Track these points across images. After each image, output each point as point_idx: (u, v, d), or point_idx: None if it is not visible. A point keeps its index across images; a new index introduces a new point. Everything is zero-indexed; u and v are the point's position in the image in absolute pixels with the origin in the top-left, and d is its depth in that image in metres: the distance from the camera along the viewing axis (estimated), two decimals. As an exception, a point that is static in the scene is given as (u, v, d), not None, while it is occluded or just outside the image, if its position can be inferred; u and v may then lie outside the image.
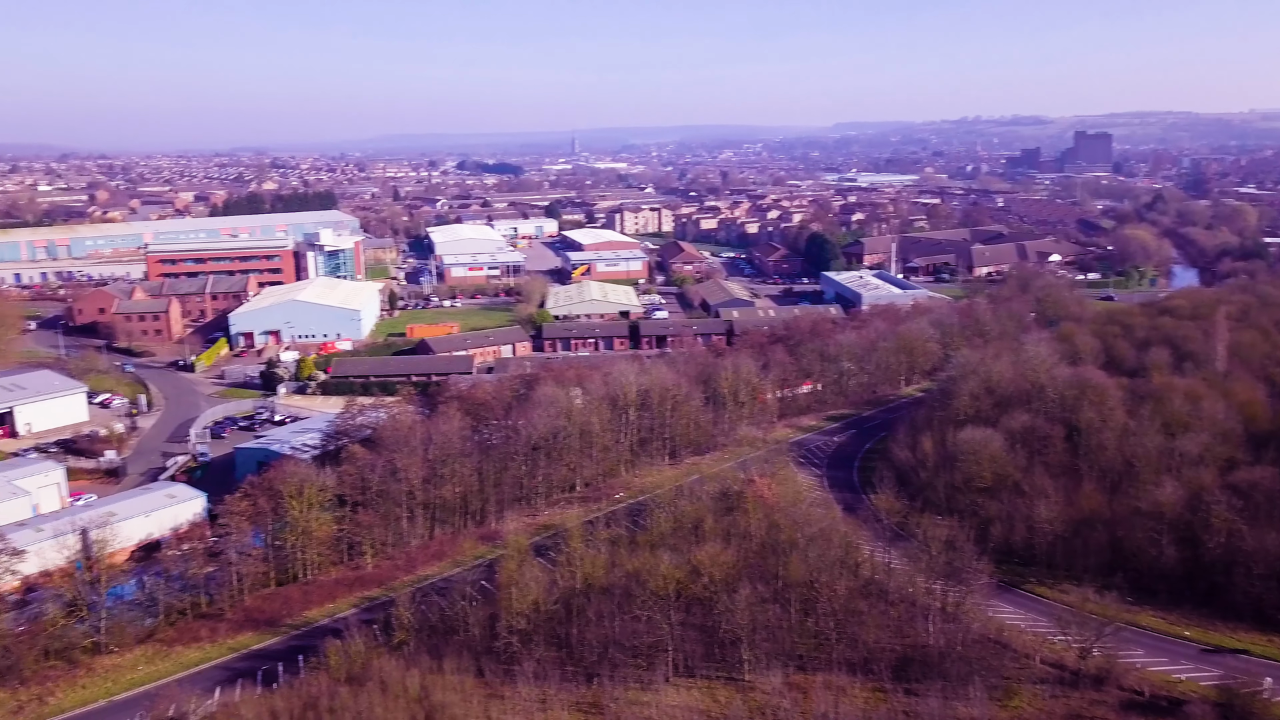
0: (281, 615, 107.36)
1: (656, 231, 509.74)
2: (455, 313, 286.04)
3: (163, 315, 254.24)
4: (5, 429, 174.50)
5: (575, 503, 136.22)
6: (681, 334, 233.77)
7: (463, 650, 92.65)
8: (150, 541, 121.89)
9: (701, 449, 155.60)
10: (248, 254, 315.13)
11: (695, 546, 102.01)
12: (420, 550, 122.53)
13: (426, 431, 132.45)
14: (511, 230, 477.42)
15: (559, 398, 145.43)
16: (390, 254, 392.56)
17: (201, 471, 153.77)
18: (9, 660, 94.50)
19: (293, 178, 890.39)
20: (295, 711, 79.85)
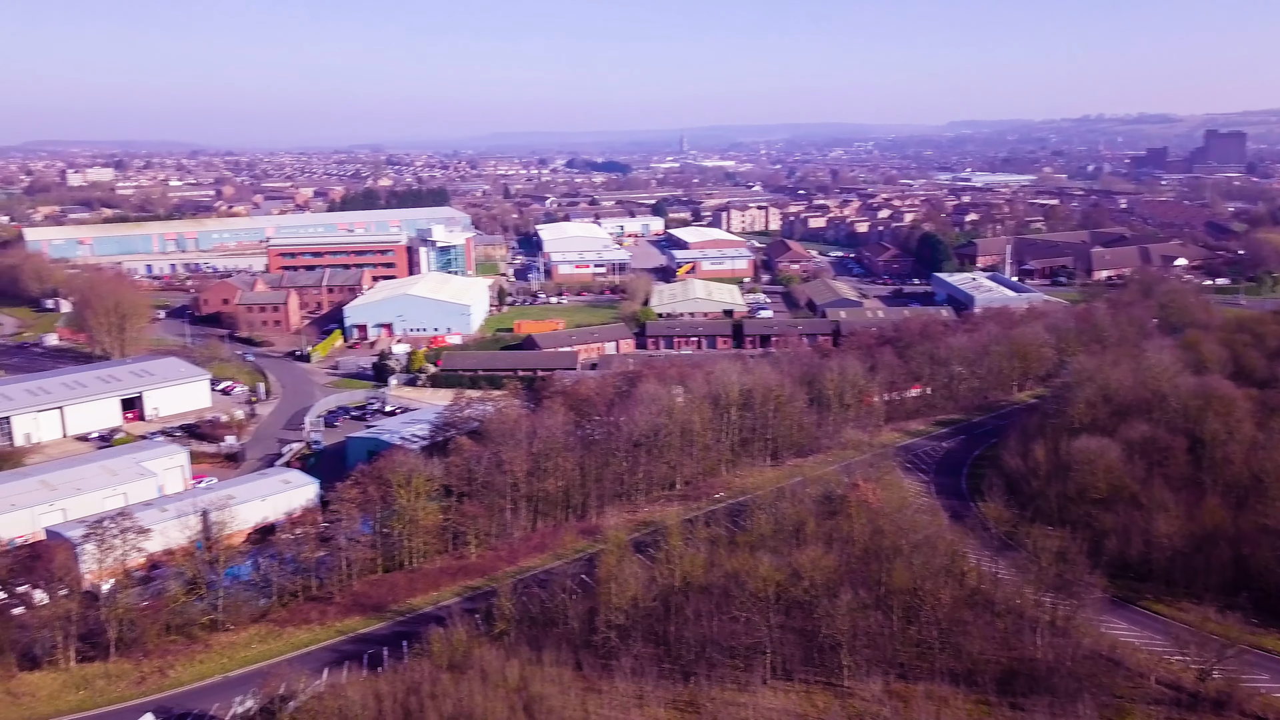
0: (387, 601, 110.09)
1: (763, 230, 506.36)
2: (561, 309, 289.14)
3: (282, 307, 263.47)
4: (135, 413, 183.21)
5: (675, 500, 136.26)
6: (786, 334, 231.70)
7: (562, 643, 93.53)
8: (265, 525, 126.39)
9: (804, 451, 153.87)
10: (363, 248, 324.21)
11: (796, 549, 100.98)
12: (522, 542, 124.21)
13: (531, 425, 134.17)
14: (618, 228, 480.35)
15: (661, 395, 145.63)
16: (500, 250, 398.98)
17: (315, 459, 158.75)
18: (134, 633, 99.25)
19: (407, 174, 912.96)
20: (398, 696, 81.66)
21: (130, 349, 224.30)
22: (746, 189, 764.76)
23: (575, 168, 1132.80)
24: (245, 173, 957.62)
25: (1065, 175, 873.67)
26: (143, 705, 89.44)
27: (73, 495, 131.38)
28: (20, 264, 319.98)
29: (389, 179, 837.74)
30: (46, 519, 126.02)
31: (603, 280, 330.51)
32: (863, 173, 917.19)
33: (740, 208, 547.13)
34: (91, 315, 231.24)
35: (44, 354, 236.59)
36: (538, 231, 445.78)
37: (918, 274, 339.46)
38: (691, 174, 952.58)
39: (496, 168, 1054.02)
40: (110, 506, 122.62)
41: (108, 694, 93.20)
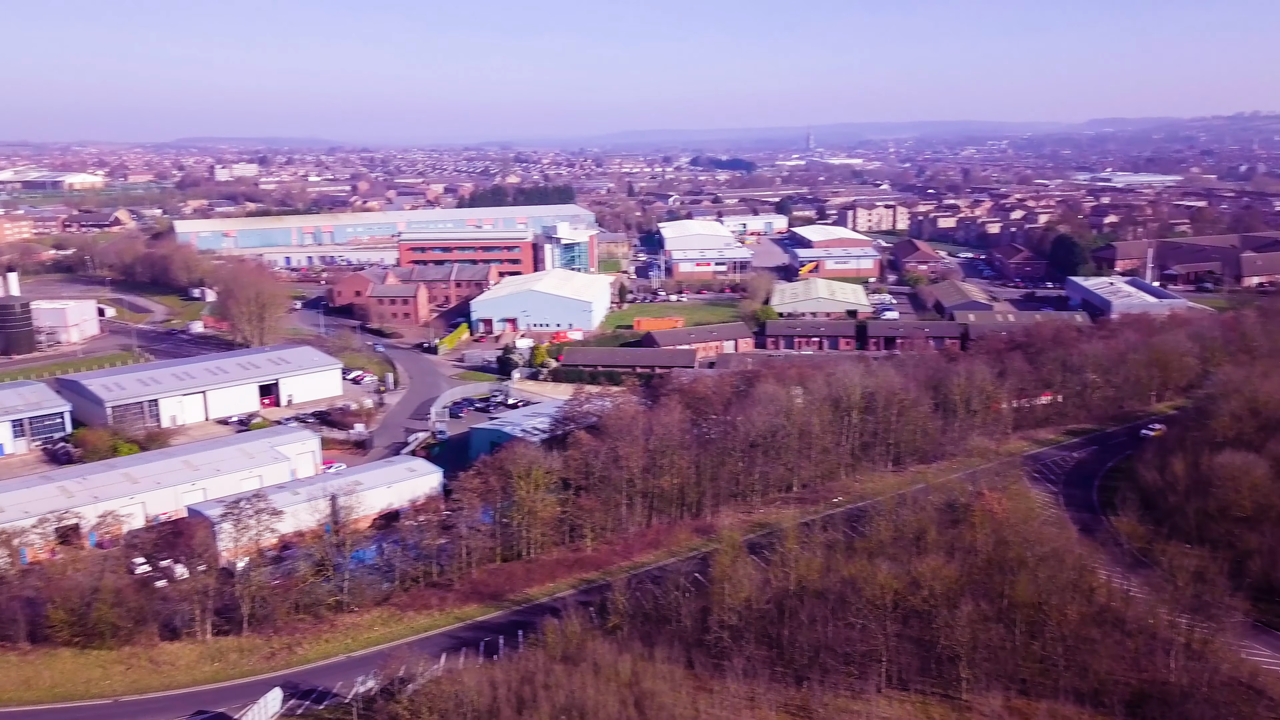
0: (505, 590, 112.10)
1: (890, 229, 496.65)
2: (681, 307, 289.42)
3: (411, 300, 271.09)
4: (271, 399, 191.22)
5: (792, 503, 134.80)
6: (912, 336, 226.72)
7: (674, 640, 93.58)
8: (390, 511, 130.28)
9: (928, 457, 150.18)
10: (490, 244, 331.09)
11: (916, 557, 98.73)
12: (637, 537, 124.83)
13: (648, 422, 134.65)
14: (741, 226, 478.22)
15: (779, 396, 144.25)
16: (622, 248, 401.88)
17: (439, 448, 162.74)
18: (265, 610, 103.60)
19: (534, 172, 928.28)
20: (513, 684, 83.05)
21: (269, 338, 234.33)
22: (874, 188, 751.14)
23: (699, 165, 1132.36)
24: (380, 169, 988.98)
25: (1215, 176, 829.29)
26: (271, 680, 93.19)
27: (213, 476, 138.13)
28: (171, 255, 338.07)
29: (517, 176, 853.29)
30: (188, 498, 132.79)
31: (723, 278, 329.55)
32: (995, 172, 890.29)
33: (867, 206, 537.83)
34: (234, 304, 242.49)
35: (190, 340, 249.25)
36: (660, 229, 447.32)
37: (1051, 277, 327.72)
38: (817, 172, 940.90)
39: (621, 165, 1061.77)
40: (247, 488, 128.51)
41: (240, 667, 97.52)
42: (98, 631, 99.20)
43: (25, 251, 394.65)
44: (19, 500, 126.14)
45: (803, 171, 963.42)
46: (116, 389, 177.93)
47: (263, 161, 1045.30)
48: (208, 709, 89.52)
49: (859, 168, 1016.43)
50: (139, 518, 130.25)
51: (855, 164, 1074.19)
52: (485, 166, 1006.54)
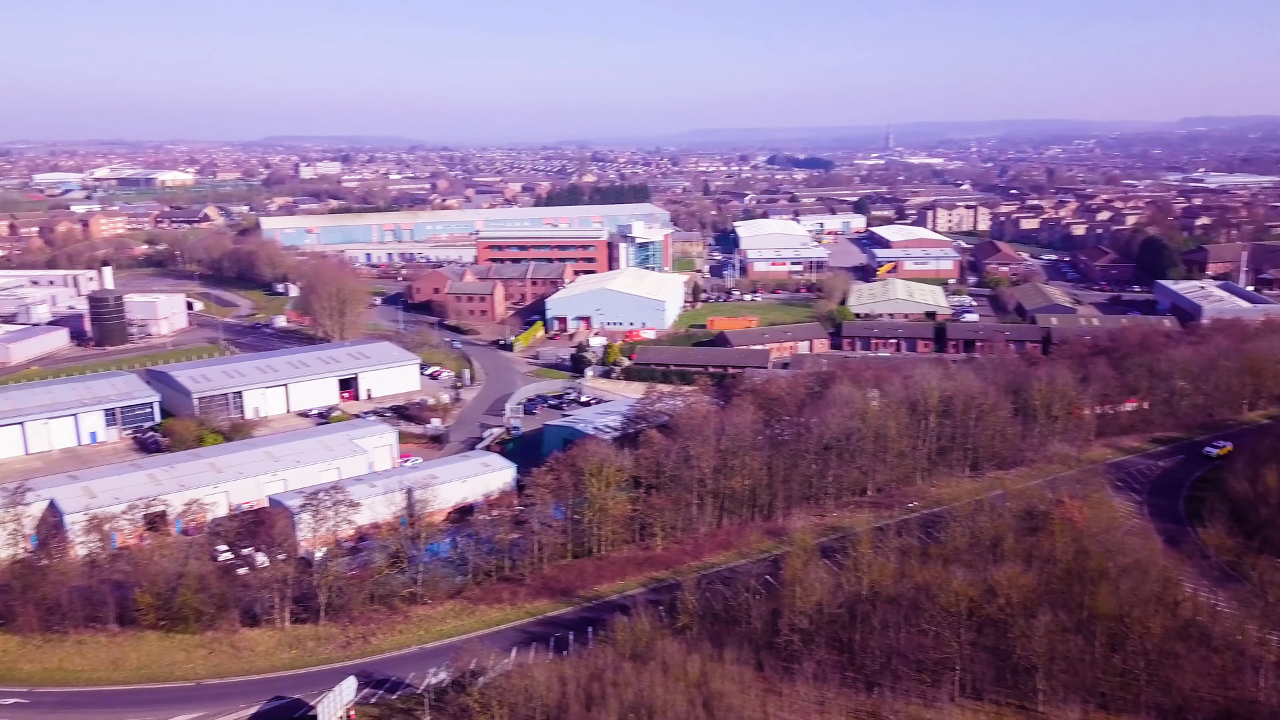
0: (575, 586, 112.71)
1: (971, 230, 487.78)
2: (755, 307, 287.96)
3: (488, 297, 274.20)
4: (351, 393, 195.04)
5: (865, 507, 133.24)
6: (992, 339, 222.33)
7: (743, 642, 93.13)
8: (464, 505, 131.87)
9: (1006, 463, 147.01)
10: (566, 243, 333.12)
11: (992, 565, 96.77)
12: (708, 538, 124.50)
13: (720, 422, 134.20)
14: (817, 225, 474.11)
15: (854, 398, 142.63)
16: (697, 247, 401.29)
17: (513, 444, 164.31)
18: (342, 600, 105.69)
19: (610, 170, 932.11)
20: (582, 680, 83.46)
21: (349, 333, 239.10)
22: (954, 187, 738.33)
23: (776, 164, 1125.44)
24: (459, 167, 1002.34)
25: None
26: (346, 668, 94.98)
27: (293, 467, 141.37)
28: (256, 250, 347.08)
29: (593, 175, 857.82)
30: (270, 488, 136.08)
31: (799, 278, 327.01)
32: (1082, 172, 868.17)
33: (947, 206, 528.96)
34: (316, 300, 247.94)
35: (273, 334, 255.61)
36: (735, 228, 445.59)
37: (1138, 281, 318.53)
38: (897, 171, 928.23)
39: (697, 164, 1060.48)
40: (325, 480, 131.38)
41: (316, 654, 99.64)
42: (182, 616, 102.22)
43: (120, 246, 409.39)
44: (110, 487, 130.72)
45: (882, 171, 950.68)
46: (203, 381, 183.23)
47: (345, 160, 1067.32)
48: (285, 695, 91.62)
49: (939, 167, 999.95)
50: (223, 506, 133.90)
51: (936, 163, 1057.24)
52: (562, 165, 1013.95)
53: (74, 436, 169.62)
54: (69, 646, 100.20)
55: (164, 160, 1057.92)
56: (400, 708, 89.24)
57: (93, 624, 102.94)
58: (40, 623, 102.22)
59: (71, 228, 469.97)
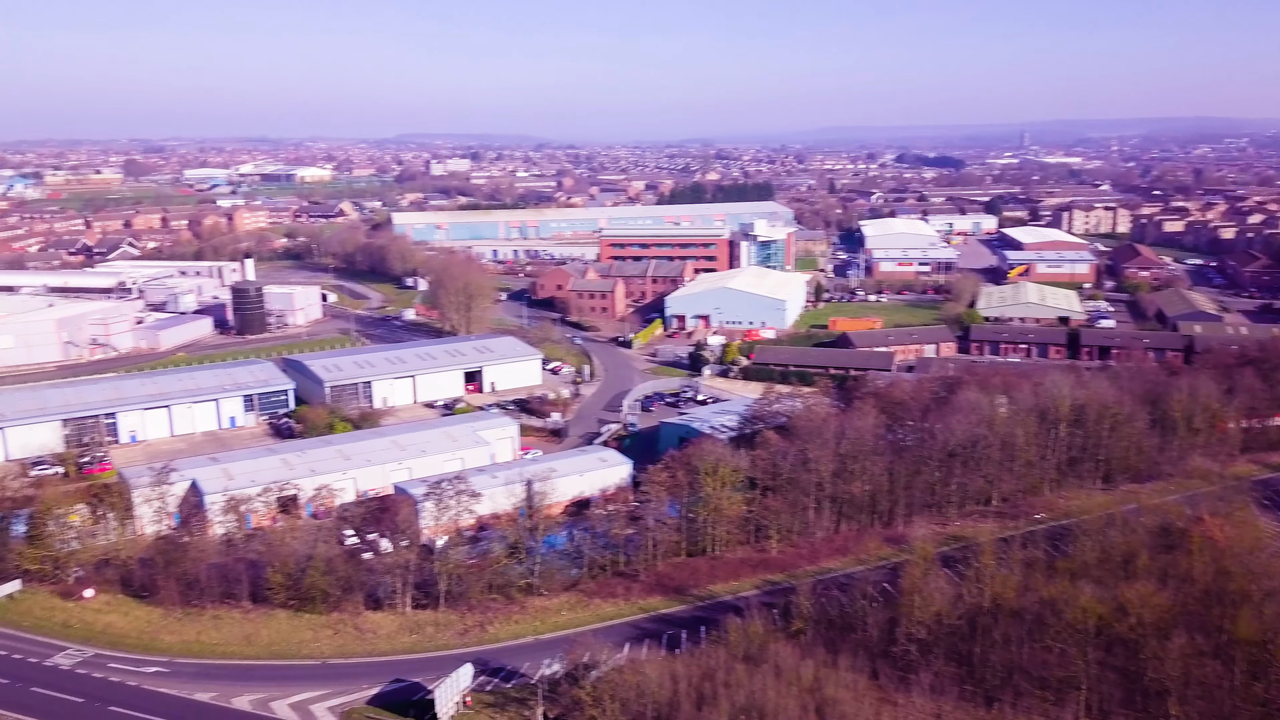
0: (689, 585, 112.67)
1: (1109, 232, 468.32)
2: (879, 308, 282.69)
3: (609, 294, 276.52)
4: (475, 385, 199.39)
5: (990, 517, 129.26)
6: (1129, 346, 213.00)
7: (859, 649, 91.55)
8: (581, 499, 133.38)
9: (1141, 476, 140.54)
10: (687, 241, 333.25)
11: (1124, 582, 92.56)
12: (824, 542, 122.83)
13: (840, 425, 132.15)
14: (946, 226, 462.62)
15: (982, 404, 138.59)
16: (820, 246, 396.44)
17: (630, 440, 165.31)
18: (461, 588, 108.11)
19: (734, 168, 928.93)
20: (694, 679, 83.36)
21: (475, 327, 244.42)
22: (1093, 188, 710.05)
23: (905, 163, 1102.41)
24: (584, 165, 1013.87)
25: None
26: (463, 655, 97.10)
27: (418, 456, 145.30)
28: (388, 245, 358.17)
29: (716, 173, 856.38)
30: (395, 476, 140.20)
31: (926, 279, 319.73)
32: (1232, 172, 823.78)
33: (1084, 208, 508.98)
34: (444, 294, 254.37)
35: (402, 327, 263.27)
36: (860, 227, 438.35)
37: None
38: (1031, 170, 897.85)
39: (823, 162, 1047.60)
40: (449, 469, 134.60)
41: (435, 640, 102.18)
42: (310, 596, 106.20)
43: (261, 239, 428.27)
44: (247, 470, 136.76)
45: (1015, 170, 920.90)
46: (335, 370, 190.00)
47: (474, 157, 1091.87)
48: (405, 678, 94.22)
49: (1077, 166, 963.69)
50: (350, 492, 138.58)
51: (1073, 162, 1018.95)
52: (686, 163, 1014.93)
53: (215, 420, 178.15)
54: (206, 620, 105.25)
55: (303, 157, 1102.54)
56: (514, 697, 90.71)
57: (228, 600, 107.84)
58: (180, 597, 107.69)
59: (217, 221, 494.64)
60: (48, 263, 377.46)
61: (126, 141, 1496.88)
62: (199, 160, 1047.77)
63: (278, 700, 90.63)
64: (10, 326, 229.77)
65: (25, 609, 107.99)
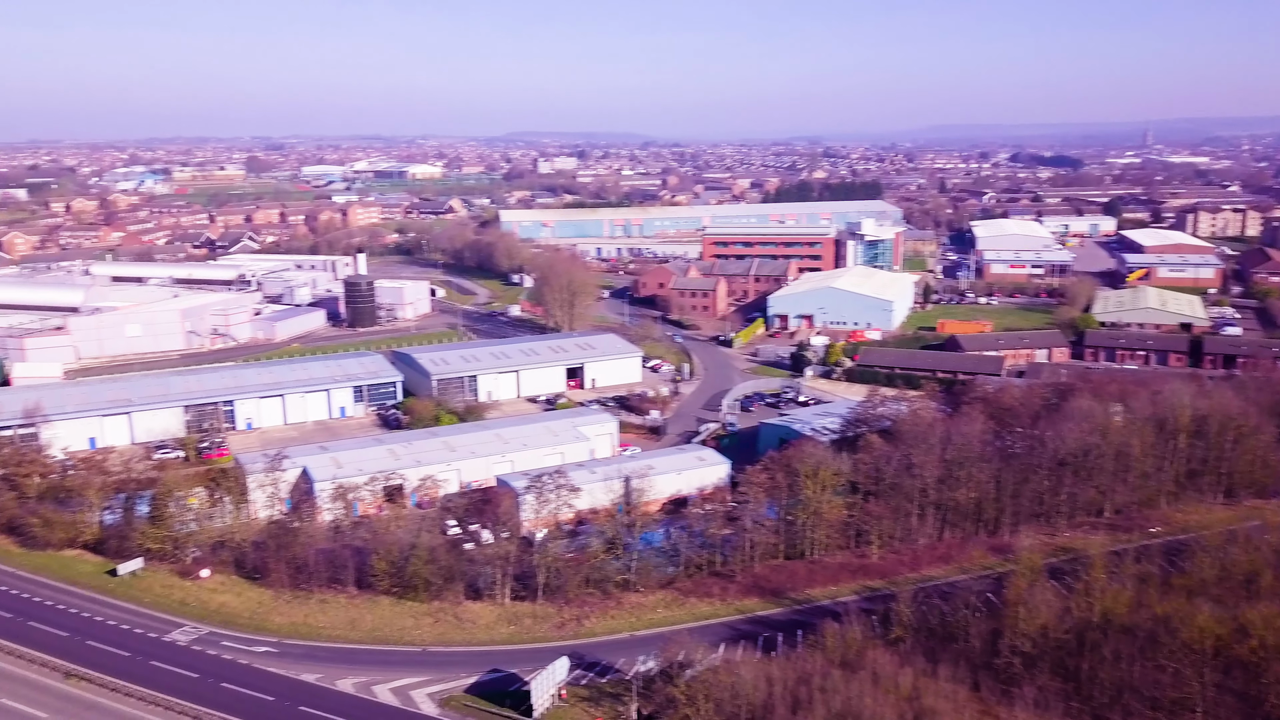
0: (786, 587, 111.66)
1: (1238, 236, 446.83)
2: (990, 310, 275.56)
3: (711, 293, 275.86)
4: (576, 381, 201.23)
5: (1101, 529, 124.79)
6: (1257, 355, 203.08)
7: (959, 660, 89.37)
8: (679, 497, 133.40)
9: (1267, 492, 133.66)
10: (792, 240, 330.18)
11: (1245, 602, 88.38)
12: (926, 549, 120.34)
13: (946, 430, 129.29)
14: (1062, 227, 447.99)
15: (1095, 412, 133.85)
16: (929, 246, 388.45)
17: (728, 440, 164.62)
18: (559, 581, 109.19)
19: (842, 167, 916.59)
20: (789, 682, 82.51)
21: (577, 324, 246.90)
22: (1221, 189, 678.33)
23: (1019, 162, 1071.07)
24: (689, 163, 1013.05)
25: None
26: (560, 648, 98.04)
27: (520, 450, 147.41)
28: (495, 242, 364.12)
29: (823, 171, 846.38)
30: (498, 468, 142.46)
31: (1039, 282, 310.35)
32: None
33: (1210, 210, 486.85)
34: (548, 291, 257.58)
35: (507, 322, 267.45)
36: (971, 227, 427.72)
37: None
38: (1154, 170, 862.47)
39: (934, 161, 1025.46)
40: (549, 464, 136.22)
41: (533, 632, 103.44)
42: (412, 585, 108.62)
43: (373, 235, 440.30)
44: (355, 459, 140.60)
45: (1136, 170, 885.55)
46: (442, 364, 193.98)
47: (581, 155, 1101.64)
48: (502, 668, 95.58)
49: (1204, 166, 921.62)
50: (454, 483, 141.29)
51: (1200, 162, 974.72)
52: (792, 162, 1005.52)
53: (326, 410, 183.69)
54: (313, 604, 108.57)
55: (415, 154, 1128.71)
56: (609, 692, 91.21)
57: (334, 585, 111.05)
58: (290, 580, 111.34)
59: (332, 217, 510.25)
60: (174, 255, 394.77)
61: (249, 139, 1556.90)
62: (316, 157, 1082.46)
63: (380, 684, 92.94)
64: (139, 316, 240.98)
65: (146, 586, 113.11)
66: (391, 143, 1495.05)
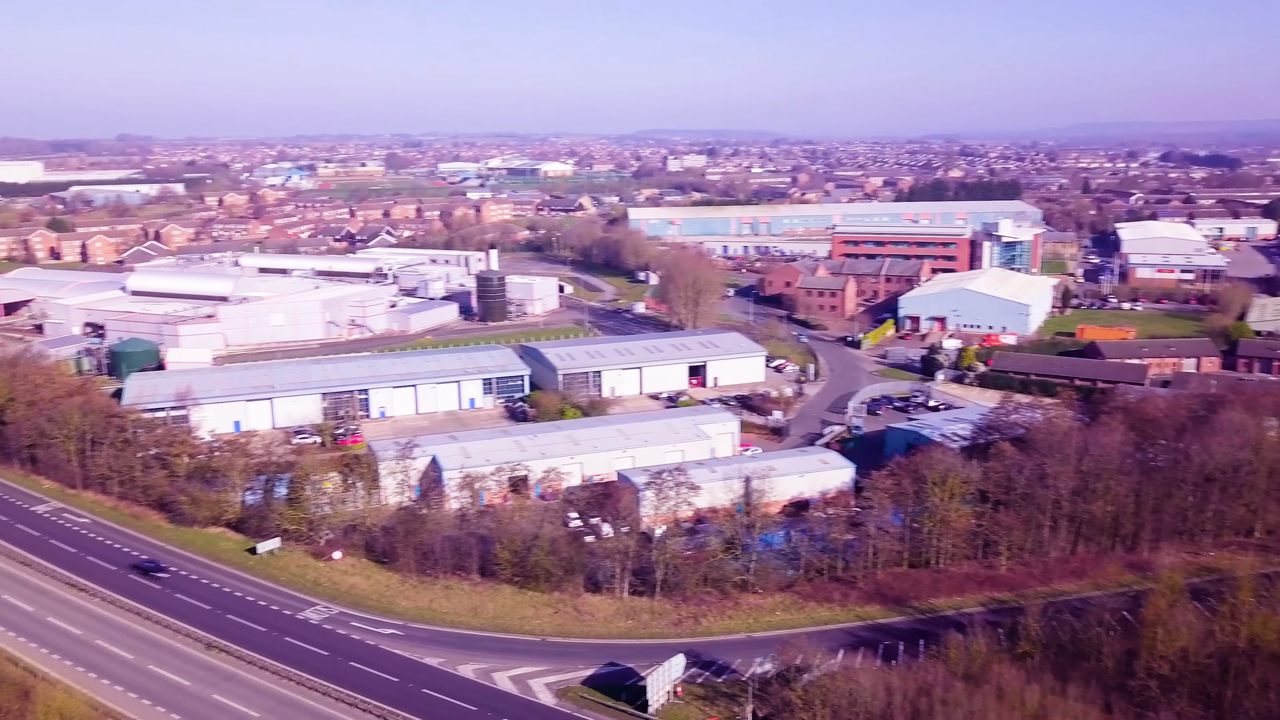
0: (909, 596, 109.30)
1: None
2: (1134, 316, 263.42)
3: (839, 293, 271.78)
4: (698, 379, 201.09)
5: (1250, 549, 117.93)
6: None
7: (1091, 679, 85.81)
8: (800, 500, 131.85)
9: None
10: (925, 240, 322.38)
11: None
12: (1058, 563, 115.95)
13: (1083, 440, 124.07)
14: (1215, 230, 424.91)
15: (1247, 425, 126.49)
16: (1070, 249, 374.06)
17: (853, 443, 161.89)
18: (677, 578, 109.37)
19: (979, 166, 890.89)
20: (909, 693, 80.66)
21: (701, 321, 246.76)
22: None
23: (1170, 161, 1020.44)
24: (820, 161, 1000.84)
25: None
26: (676, 645, 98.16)
27: (641, 446, 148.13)
28: (622, 240, 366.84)
29: (960, 170, 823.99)
30: (619, 464, 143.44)
31: (1189, 287, 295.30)
32: None
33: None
34: (673, 289, 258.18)
35: (632, 319, 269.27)
36: (1116, 230, 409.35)
37: None
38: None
39: (1078, 160, 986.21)
40: (670, 461, 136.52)
41: (650, 628, 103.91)
42: (534, 575, 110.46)
43: (505, 231, 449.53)
44: (482, 449, 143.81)
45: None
46: (568, 359, 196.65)
47: (710, 153, 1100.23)
48: (618, 662, 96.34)
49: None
50: (576, 476, 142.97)
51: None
52: (928, 160, 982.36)
53: (456, 401, 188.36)
54: (438, 590, 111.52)
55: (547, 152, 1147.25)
56: (724, 692, 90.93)
57: (459, 572, 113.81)
58: (416, 565, 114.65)
59: (466, 213, 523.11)
60: (316, 248, 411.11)
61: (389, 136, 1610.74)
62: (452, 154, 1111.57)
63: (499, 672, 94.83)
64: (282, 306, 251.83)
65: (283, 565, 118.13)
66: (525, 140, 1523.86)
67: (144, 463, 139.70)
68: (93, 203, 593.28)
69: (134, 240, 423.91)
